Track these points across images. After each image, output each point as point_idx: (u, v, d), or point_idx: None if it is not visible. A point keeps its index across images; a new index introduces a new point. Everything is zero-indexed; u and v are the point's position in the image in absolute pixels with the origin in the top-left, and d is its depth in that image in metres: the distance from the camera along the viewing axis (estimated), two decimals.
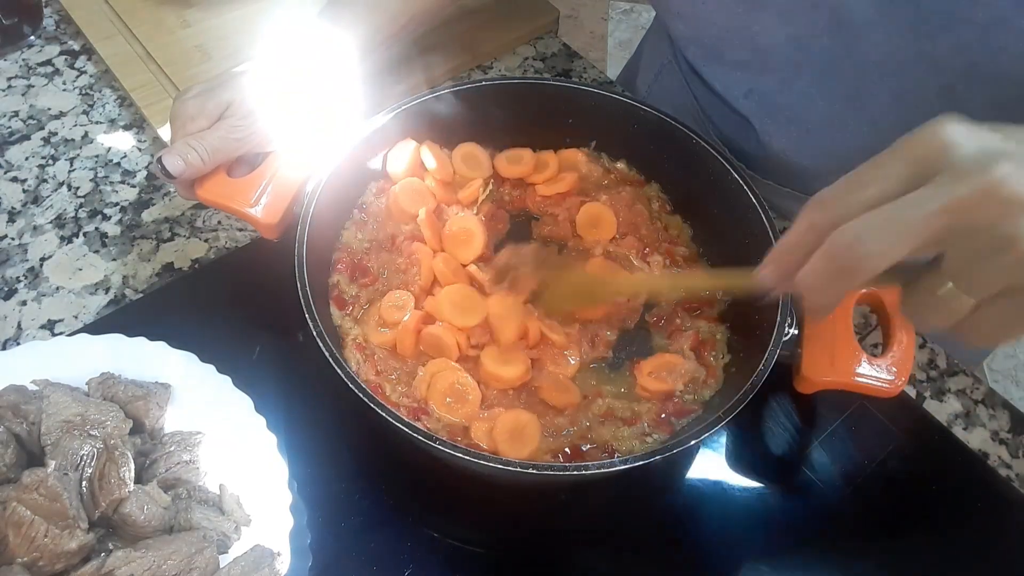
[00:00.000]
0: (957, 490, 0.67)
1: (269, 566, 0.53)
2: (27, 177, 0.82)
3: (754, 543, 0.64)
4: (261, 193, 0.68)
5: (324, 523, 0.61)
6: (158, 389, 0.61)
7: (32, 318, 0.72)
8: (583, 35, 2.50)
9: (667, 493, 0.66)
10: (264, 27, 0.92)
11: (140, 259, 0.76)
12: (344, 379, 0.56)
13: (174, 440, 0.59)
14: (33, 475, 0.52)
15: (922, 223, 0.36)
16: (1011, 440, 0.70)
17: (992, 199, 0.35)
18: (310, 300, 0.60)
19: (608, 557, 0.63)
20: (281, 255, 0.64)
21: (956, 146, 0.36)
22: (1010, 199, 0.35)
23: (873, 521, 0.65)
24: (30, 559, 0.51)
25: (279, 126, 0.69)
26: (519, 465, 0.54)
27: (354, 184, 0.73)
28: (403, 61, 0.91)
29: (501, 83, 0.77)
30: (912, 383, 0.73)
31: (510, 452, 0.60)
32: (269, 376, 0.67)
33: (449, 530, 0.63)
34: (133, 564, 0.51)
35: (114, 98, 0.89)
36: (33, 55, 0.92)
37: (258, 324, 0.72)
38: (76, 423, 0.56)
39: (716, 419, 0.56)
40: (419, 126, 0.75)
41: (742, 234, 0.68)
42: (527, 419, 0.62)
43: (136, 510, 0.53)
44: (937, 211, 0.36)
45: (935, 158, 0.37)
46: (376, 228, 0.73)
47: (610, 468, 0.54)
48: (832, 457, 0.68)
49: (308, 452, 0.63)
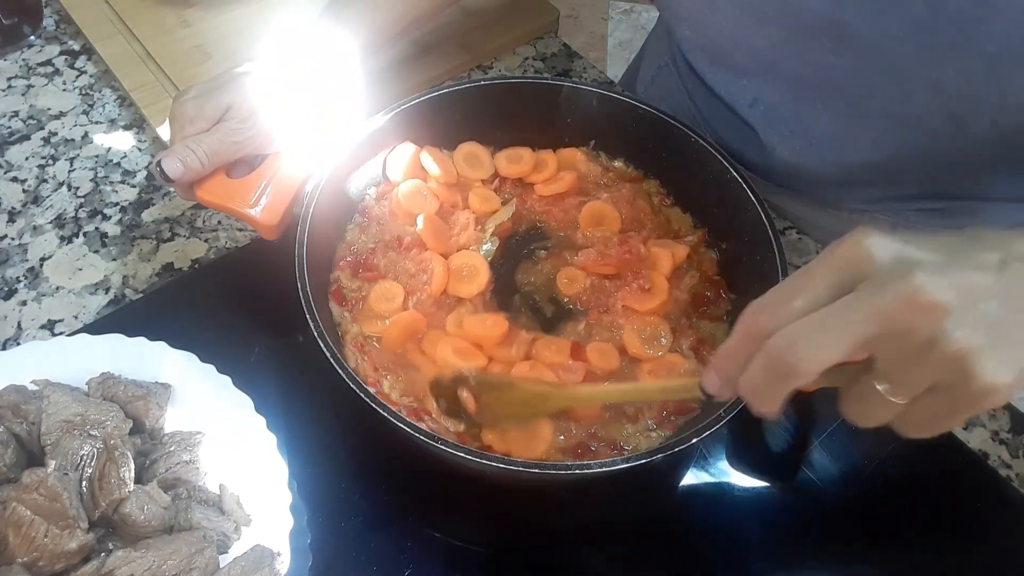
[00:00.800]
0: (957, 490, 0.67)
1: (269, 566, 0.53)
2: (27, 177, 0.82)
3: (754, 543, 0.64)
4: (261, 194, 0.68)
5: (324, 523, 0.61)
6: (158, 389, 0.61)
7: (32, 318, 0.72)
8: (583, 35, 2.51)
9: (668, 492, 0.66)
10: (264, 27, 0.92)
11: (140, 259, 0.76)
12: (346, 380, 0.56)
13: (174, 440, 0.59)
14: (33, 475, 0.52)
15: (849, 329, 0.38)
16: (1011, 440, 0.70)
17: (911, 305, 0.37)
18: (311, 300, 0.60)
19: (608, 556, 0.63)
20: (281, 255, 0.64)
21: (876, 257, 0.39)
22: (928, 306, 0.37)
23: (873, 521, 0.65)
24: (30, 559, 0.51)
25: (279, 129, 0.68)
26: (521, 464, 0.54)
27: (354, 185, 0.74)
28: (403, 61, 0.91)
29: (500, 83, 0.77)
30: None
31: (523, 453, 0.60)
32: (269, 376, 0.67)
33: (449, 530, 0.63)
34: (133, 564, 0.51)
35: (114, 98, 0.89)
36: (33, 55, 0.92)
37: (258, 324, 0.72)
38: (76, 423, 0.56)
39: (717, 417, 0.56)
40: (418, 126, 0.75)
41: (741, 230, 0.69)
42: (539, 420, 0.62)
43: (136, 510, 0.53)
44: (862, 319, 0.38)
45: (858, 267, 0.40)
46: (381, 229, 0.73)
47: (612, 467, 0.54)
48: (832, 457, 0.68)
49: (308, 452, 0.63)
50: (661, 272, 0.71)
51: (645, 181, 0.78)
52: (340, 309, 0.68)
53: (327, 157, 0.69)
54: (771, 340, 0.40)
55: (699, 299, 0.71)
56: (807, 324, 0.39)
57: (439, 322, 0.67)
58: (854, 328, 0.38)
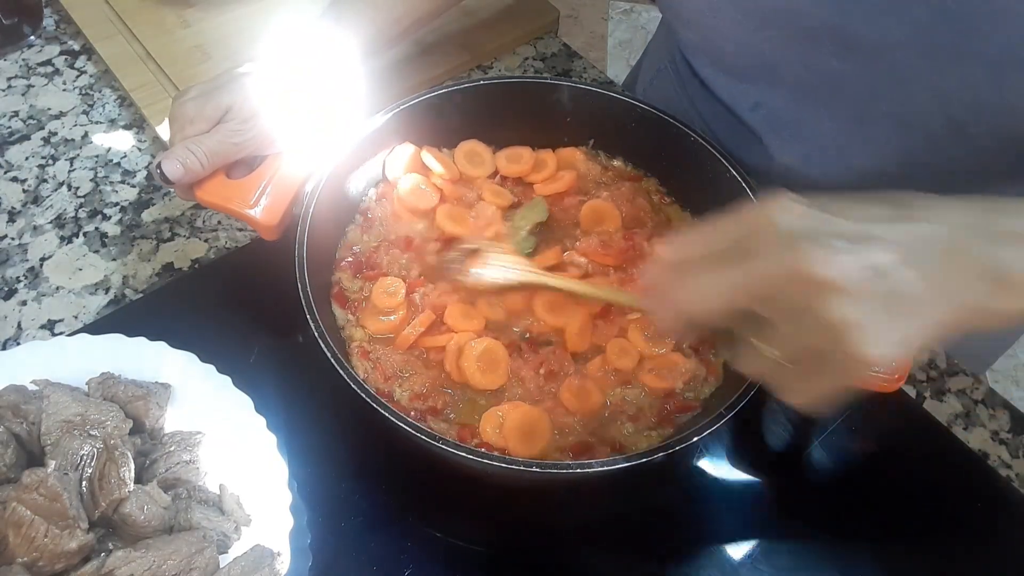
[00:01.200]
0: (957, 490, 0.67)
1: (269, 566, 0.53)
2: (27, 177, 0.82)
3: (754, 542, 0.64)
4: (260, 194, 0.67)
5: (324, 523, 0.61)
6: (158, 389, 0.61)
7: (32, 318, 0.72)
8: (583, 35, 2.51)
9: (668, 492, 0.66)
10: (264, 27, 0.92)
11: (140, 259, 0.76)
12: (346, 379, 0.56)
13: (174, 440, 0.59)
14: (33, 475, 0.52)
15: (731, 290, 0.43)
16: (1011, 440, 0.70)
17: (792, 277, 0.40)
18: (311, 300, 0.60)
19: (608, 555, 0.63)
20: (281, 255, 0.64)
21: (774, 224, 0.42)
22: (808, 278, 0.40)
23: (873, 521, 0.65)
24: (30, 559, 0.51)
25: (280, 130, 0.68)
26: (522, 464, 0.54)
27: (354, 185, 0.73)
28: (403, 61, 0.91)
29: (500, 82, 0.77)
30: (912, 383, 0.73)
31: (520, 450, 0.60)
32: (269, 376, 0.67)
33: (449, 530, 0.63)
34: (133, 564, 0.51)
35: (114, 98, 0.89)
36: (33, 55, 0.92)
37: (258, 324, 0.72)
38: (76, 423, 0.56)
39: (718, 416, 0.56)
40: (418, 125, 0.75)
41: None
42: (538, 416, 0.62)
43: (136, 510, 0.53)
44: (744, 283, 0.42)
45: (758, 232, 0.43)
46: (383, 230, 0.73)
47: (612, 466, 0.54)
48: (832, 457, 0.68)
49: (308, 452, 0.63)
50: None
51: (644, 180, 0.78)
52: (344, 312, 0.68)
53: (327, 157, 0.69)
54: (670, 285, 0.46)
55: None
56: (699, 279, 0.44)
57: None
58: (734, 290, 0.43)
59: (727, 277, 0.43)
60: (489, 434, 0.61)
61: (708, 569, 0.62)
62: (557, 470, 0.55)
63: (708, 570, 0.62)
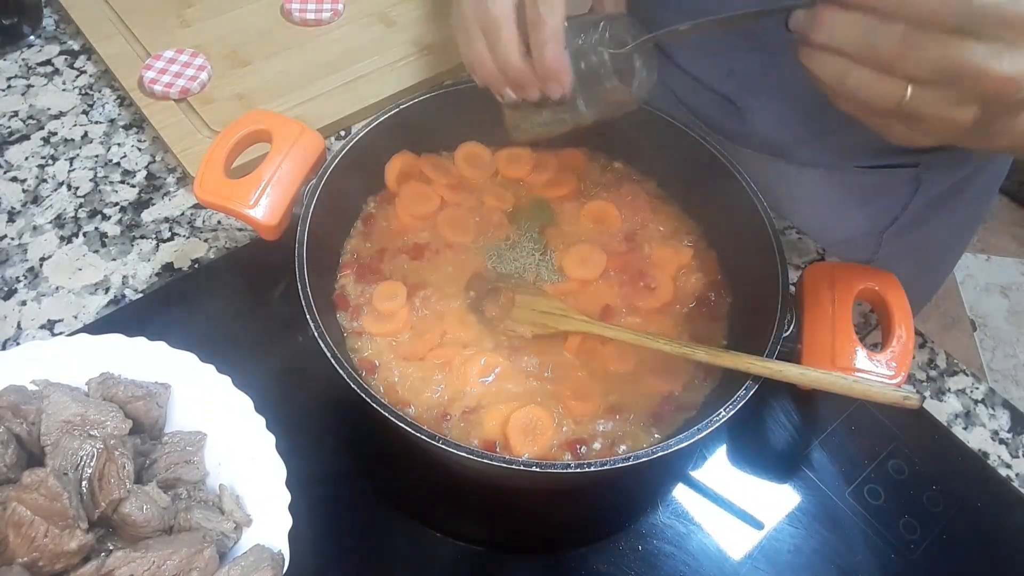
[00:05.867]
0: (957, 490, 0.67)
1: (269, 566, 0.53)
2: (27, 177, 0.82)
3: (753, 543, 0.64)
4: (260, 194, 0.67)
5: (324, 523, 0.61)
6: (158, 389, 0.61)
7: (32, 318, 0.72)
8: None
9: (667, 492, 0.66)
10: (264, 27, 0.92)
11: (140, 259, 0.76)
12: (346, 379, 0.56)
13: (174, 440, 0.59)
14: (33, 475, 0.52)
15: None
16: (1011, 440, 0.70)
17: None
18: (311, 300, 0.60)
19: (608, 555, 0.63)
20: (281, 255, 0.64)
21: None
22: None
23: (873, 521, 0.65)
24: (30, 559, 0.50)
25: None
26: (521, 464, 0.54)
27: (355, 187, 0.73)
28: (403, 61, 0.91)
29: None
30: (912, 383, 0.73)
31: (521, 447, 0.60)
32: (269, 376, 0.67)
33: (449, 530, 0.63)
34: (133, 564, 0.50)
35: (114, 98, 0.89)
36: (33, 55, 0.92)
37: (258, 324, 0.72)
38: (76, 423, 0.56)
39: (717, 416, 0.56)
40: (418, 126, 0.74)
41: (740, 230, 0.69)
42: (540, 415, 0.62)
43: (136, 510, 0.53)
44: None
45: None
46: (385, 236, 0.73)
47: (612, 466, 0.54)
48: (832, 457, 0.68)
49: (308, 452, 0.63)
50: (666, 272, 0.71)
51: (644, 181, 0.78)
52: (344, 313, 0.68)
53: (327, 157, 0.69)
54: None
55: (702, 299, 0.71)
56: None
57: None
58: None
59: None
60: (492, 430, 0.62)
61: (707, 568, 0.62)
62: (556, 470, 0.55)
63: (707, 569, 0.62)
